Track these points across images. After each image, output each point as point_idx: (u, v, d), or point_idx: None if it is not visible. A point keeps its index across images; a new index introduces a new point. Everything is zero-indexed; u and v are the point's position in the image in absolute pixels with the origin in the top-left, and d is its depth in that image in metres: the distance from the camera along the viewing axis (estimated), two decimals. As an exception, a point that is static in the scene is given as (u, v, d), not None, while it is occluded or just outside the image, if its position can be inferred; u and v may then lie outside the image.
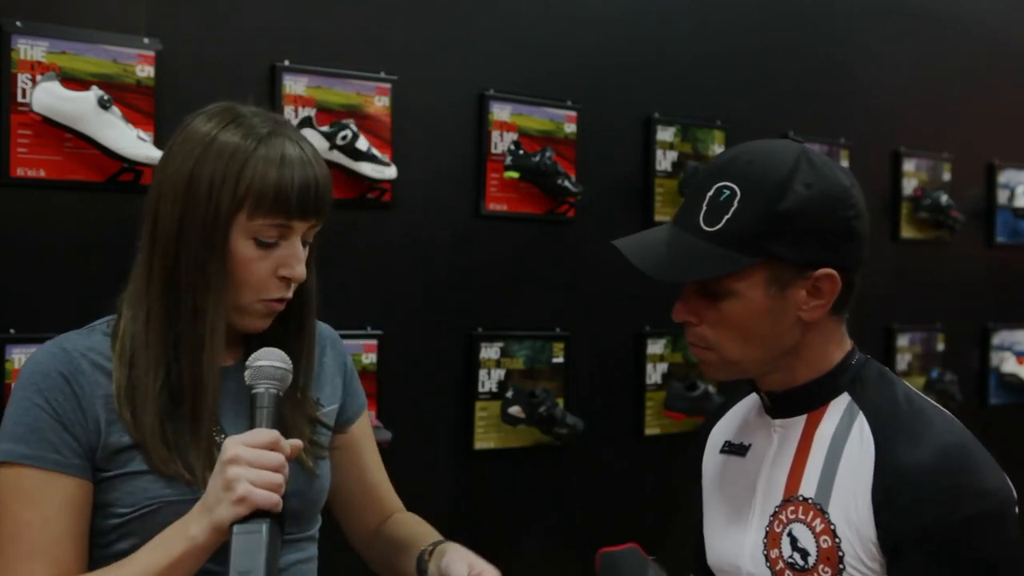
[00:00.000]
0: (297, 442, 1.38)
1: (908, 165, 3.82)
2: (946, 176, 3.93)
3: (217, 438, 1.45)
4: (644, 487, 3.22)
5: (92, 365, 1.44)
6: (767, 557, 1.45)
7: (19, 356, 2.24)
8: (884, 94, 3.76)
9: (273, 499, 1.29)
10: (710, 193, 1.40)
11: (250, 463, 1.30)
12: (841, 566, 1.37)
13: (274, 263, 1.44)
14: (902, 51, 3.82)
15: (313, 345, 1.57)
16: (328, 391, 1.62)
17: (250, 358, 1.39)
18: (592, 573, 1.53)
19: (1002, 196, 4.09)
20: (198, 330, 1.43)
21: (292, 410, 1.51)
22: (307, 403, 1.55)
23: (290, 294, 1.47)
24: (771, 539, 1.45)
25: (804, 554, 1.41)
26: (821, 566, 1.39)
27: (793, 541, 1.42)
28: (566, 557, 3.03)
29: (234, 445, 1.31)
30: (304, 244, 1.48)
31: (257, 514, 1.29)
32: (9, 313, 2.26)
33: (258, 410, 1.36)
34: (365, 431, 1.70)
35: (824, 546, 1.39)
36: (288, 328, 1.52)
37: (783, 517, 1.44)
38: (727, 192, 1.39)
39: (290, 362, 1.40)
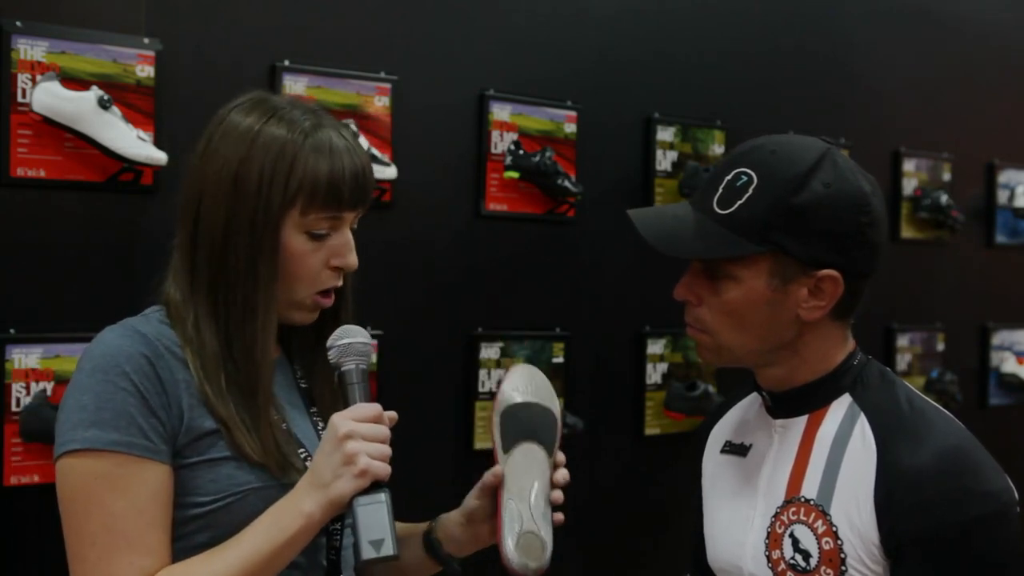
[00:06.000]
0: (393, 414, 1.42)
1: (908, 165, 3.82)
2: (946, 176, 3.92)
3: (283, 424, 1.46)
4: (644, 487, 3.22)
5: (168, 351, 1.40)
6: (769, 558, 1.45)
7: (19, 356, 2.23)
8: (884, 94, 3.75)
9: (388, 470, 1.35)
10: (728, 177, 1.41)
11: (365, 437, 1.34)
12: (843, 568, 1.37)
13: (326, 254, 1.45)
14: (902, 51, 3.81)
15: None
16: None
17: (331, 338, 1.43)
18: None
19: (1002, 196, 4.09)
20: (250, 329, 1.42)
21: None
22: None
23: (340, 283, 1.49)
24: (773, 540, 1.45)
25: (806, 555, 1.41)
26: (823, 568, 1.39)
27: (795, 542, 1.42)
28: (566, 557, 3.02)
29: (345, 421, 1.35)
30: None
31: (374, 485, 1.34)
32: (9, 313, 2.26)
33: (352, 386, 1.41)
34: None
35: (826, 548, 1.39)
36: (325, 319, 1.52)
37: (785, 518, 1.44)
38: (744, 178, 1.40)
39: (371, 339, 1.44)
